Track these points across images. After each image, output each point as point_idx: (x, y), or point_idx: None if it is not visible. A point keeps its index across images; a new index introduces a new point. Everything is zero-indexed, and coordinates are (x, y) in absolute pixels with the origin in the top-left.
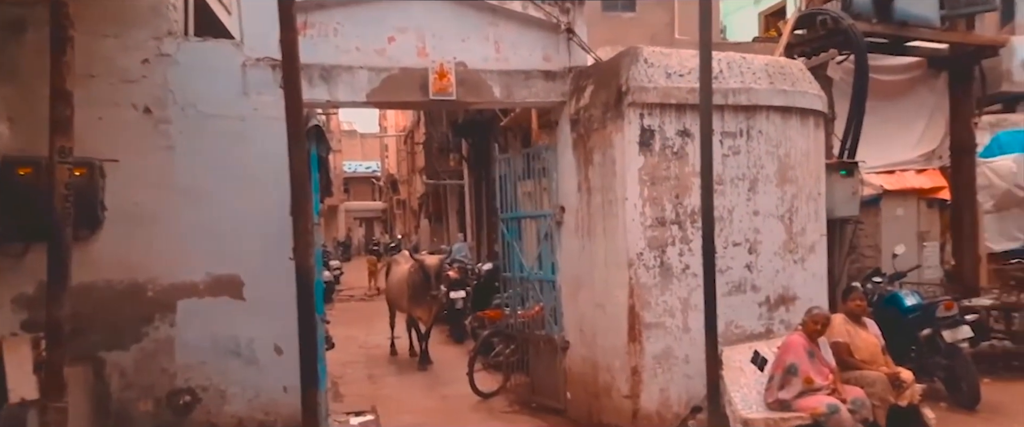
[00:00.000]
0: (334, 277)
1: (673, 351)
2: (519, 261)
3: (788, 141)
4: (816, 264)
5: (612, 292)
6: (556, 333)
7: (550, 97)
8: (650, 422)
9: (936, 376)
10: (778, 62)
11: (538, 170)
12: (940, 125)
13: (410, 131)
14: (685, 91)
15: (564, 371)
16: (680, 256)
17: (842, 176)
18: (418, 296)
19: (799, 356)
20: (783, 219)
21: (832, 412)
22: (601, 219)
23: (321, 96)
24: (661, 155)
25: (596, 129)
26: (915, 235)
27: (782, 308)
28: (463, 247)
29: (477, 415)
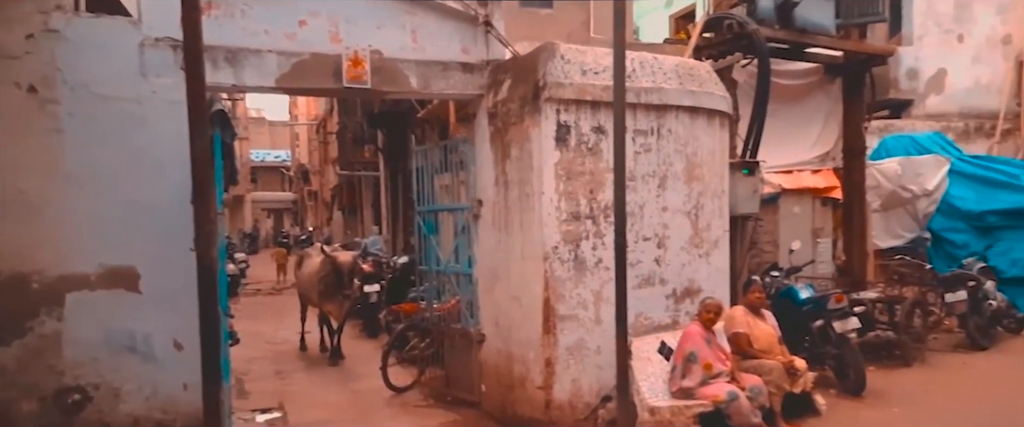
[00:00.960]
0: (239, 270)
1: (586, 342)
2: (436, 254)
3: (696, 140)
4: (720, 258)
5: (528, 285)
6: (472, 326)
7: (468, 89)
8: (562, 412)
9: (827, 364)
10: (687, 64)
11: (455, 163)
12: (834, 128)
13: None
14: (600, 89)
15: (479, 364)
16: (594, 250)
17: (744, 175)
18: (329, 292)
19: (697, 344)
20: (690, 215)
21: (732, 399)
22: (518, 213)
23: (226, 80)
24: (577, 151)
25: (514, 123)
26: (810, 232)
27: (688, 300)
28: (378, 240)
29: (390, 410)
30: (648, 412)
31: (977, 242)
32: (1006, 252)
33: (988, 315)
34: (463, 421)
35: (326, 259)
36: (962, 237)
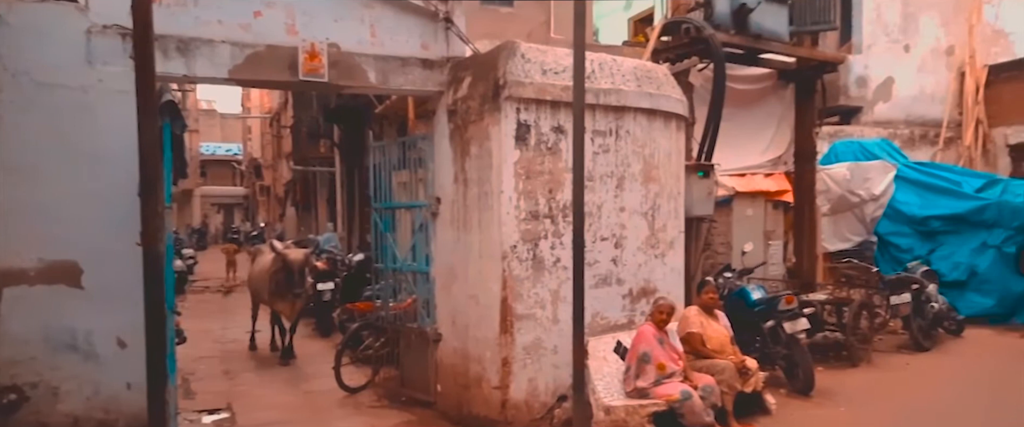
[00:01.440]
0: (187, 267)
1: (543, 342)
2: (392, 252)
3: (653, 142)
4: (675, 259)
5: (486, 284)
6: (428, 325)
7: (427, 86)
8: (518, 412)
9: (777, 364)
10: (645, 66)
11: (414, 160)
12: (786, 133)
13: (277, 113)
14: (560, 88)
15: (435, 363)
16: (552, 249)
17: (700, 177)
18: (280, 290)
19: (651, 344)
20: (647, 216)
21: (685, 398)
22: (477, 211)
23: (177, 70)
24: (536, 150)
25: (473, 121)
26: (762, 234)
27: (644, 300)
28: (333, 237)
29: (343, 410)
30: (603, 411)
31: (921, 246)
32: (948, 256)
33: (930, 317)
34: (418, 421)
35: (277, 256)
36: (907, 241)
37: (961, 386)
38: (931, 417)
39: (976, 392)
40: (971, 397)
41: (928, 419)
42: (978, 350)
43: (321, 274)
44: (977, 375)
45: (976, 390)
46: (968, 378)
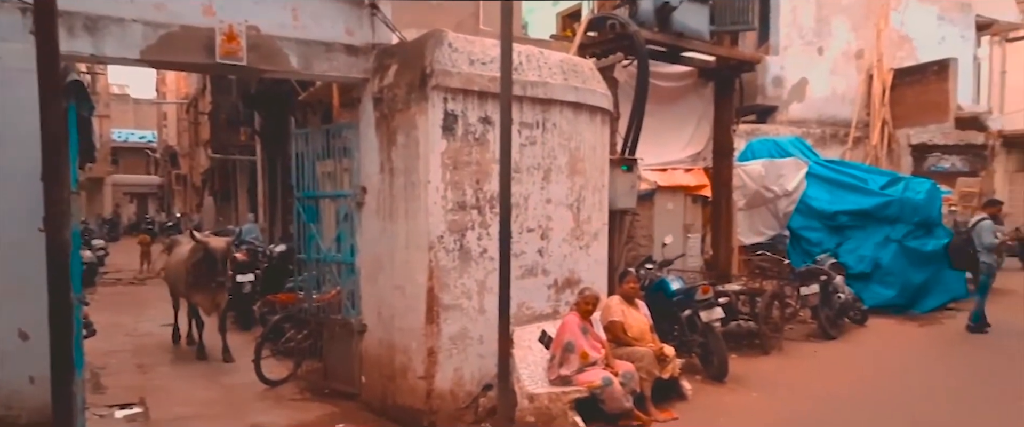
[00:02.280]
0: (98, 258)
1: (469, 332)
2: (316, 243)
3: (578, 135)
4: (599, 251)
5: (412, 274)
6: (353, 316)
7: (352, 73)
8: (443, 401)
9: (694, 352)
10: (572, 60)
11: (339, 149)
12: (706, 130)
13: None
14: (487, 79)
15: (360, 355)
16: (479, 240)
17: (623, 171)
18: (199, 282)
19: (574, 334)
20: (572, 208)
21: (606, 385)
22: (403, 201)
23: (84, 49)
24: (463, 140)
25: (400, 110)
26: (681, 227)
27: (568, 290)
28: (254, 228)
29: (262, 404)
30: (527, 399)
31: (829, 240)
32: (854, 249)
33: (837, 307)
34: (341, 413)
35: (197, 245)
36: (817, 235)
37: (864, 372)
38: (836, 402)
39: (878, 378)
40: (873, 382)
41: (833, 403)
42: (880, 338)
43: (241, 265)
44: (879, 362)
45: (878, 376)
46: (871, 365)
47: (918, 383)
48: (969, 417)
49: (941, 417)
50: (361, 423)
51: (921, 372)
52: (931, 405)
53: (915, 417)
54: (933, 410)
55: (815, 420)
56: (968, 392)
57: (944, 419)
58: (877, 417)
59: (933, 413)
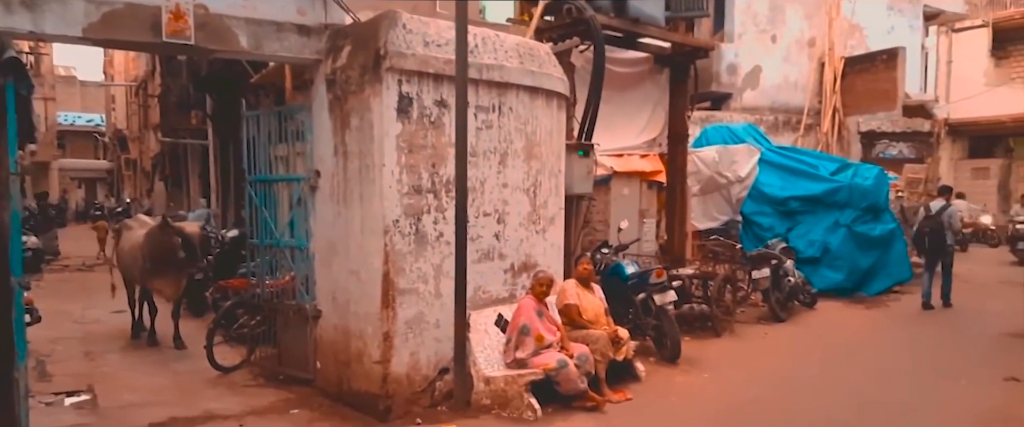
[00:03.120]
0: (43, 244)
1: (425, 316)
2: (269, 228)
3: (535, 119)
4: (555, 235)
5: (367, 259)
6: (308, 302)
7: (304, 54)
8: (399, 386)
9: (648, 334)
10: (528, 44)
11: (293, 133)
12: (661, 116)
13: (143, 82)
14: (442, 61)
15: (315, 340)
16: (435, 224)
17: (580, 156)
18: (163, 268)
19: (530, 317)
20: (528, 192)
21: (561, 367)
22: (358, 185)
23: (22, 25)
24: (419, 123)
25: (354, 92)
26: (637, 212)
27: (525, 274)
28: (206, 213)
29: (215, 390)
30: (483, 382)
31: (780, 225)
32: (804, 234)
33: (787, 290)
34: (296, 399)
35: (165, 230)
36: (768, 220)
37: (812, 353)
38: (784, 381)
39: (825, 358)
40: (821, 363)
41: (781, 383)
42: (828, 320)
43: None
44: (826, 343)
45: (825, 356)
46: (819, 346)
47: (864, 363)
48: (912, 395)
49: (885, 395)
50: (316, 409)
51: (867, 352)
52: (876, 384)
53: (861, 395)
54: (877, 388)
55: (763, 399)
56: (912, 371)
57: (888, 397)
58: (823, 395)
59: (878, 391)
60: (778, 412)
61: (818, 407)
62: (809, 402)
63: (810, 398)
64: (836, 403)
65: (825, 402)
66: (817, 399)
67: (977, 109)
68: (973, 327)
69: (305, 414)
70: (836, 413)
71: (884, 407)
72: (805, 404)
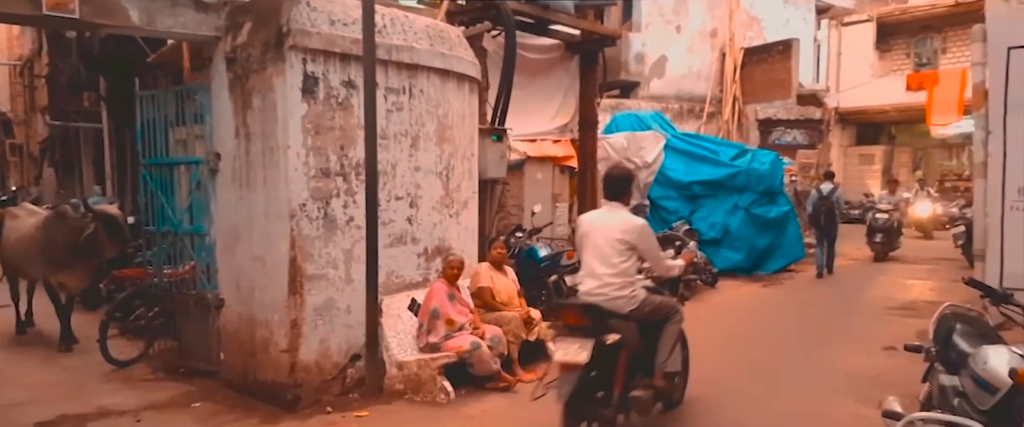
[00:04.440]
0: None
1: (335, 302)
2: (167, 214)
3: (446, 103)
4: (469, 219)
5: (273, 244)
6: (209, 291)
7: (202, 30)
8: (309, 374)
9: None
10: (438, 26)
11: (192, 115)
12: (572, 102)
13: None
14: (349, 41)
15: (218, 330)
16: (344, 208)
17: (493, 141)
18: (68, 259)
19: (441, 301)
20: (441, 176)
21: (474, 349)
22: (261, 168)
23: None
24: (326, 104)
25: (255, 70)
26: (550, 197)
27: (438, 259)
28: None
29: (109, 386)
30: (396, 367)
31: (685, 208)
32: (706, 217)
33: (690, 270)
34: (198, 392)
35: (66, 217)
36: (674, 204)
37: (713, 326)
38: None
39: (724, 331)
40: (720, 335)
41: None
42: (728, 297)
43: None
44: (726, 318)
45: (724, 329)
46: (719, 320)
47: (758, 335)
48: (801, 362)
49: (776, 363)
50: (220, 401)
51: (762, 326)
52: (769, 353)
53: (754, 364)
54: (770, 358)
55: None
56: (802, 342)
57: (779, 365)
58: (720, 364)
59: (770, 360)
60: None
61: (714, 375)
62: (706, 366)
63: (707, 363)
64: (732, 371)
65: (722, 370)
66: (713, 363)
67: (864, 98)
68: (858, 302)
69: (208, 407)
70: (731, 380)
71: (774, 374)
72: (702, 373)
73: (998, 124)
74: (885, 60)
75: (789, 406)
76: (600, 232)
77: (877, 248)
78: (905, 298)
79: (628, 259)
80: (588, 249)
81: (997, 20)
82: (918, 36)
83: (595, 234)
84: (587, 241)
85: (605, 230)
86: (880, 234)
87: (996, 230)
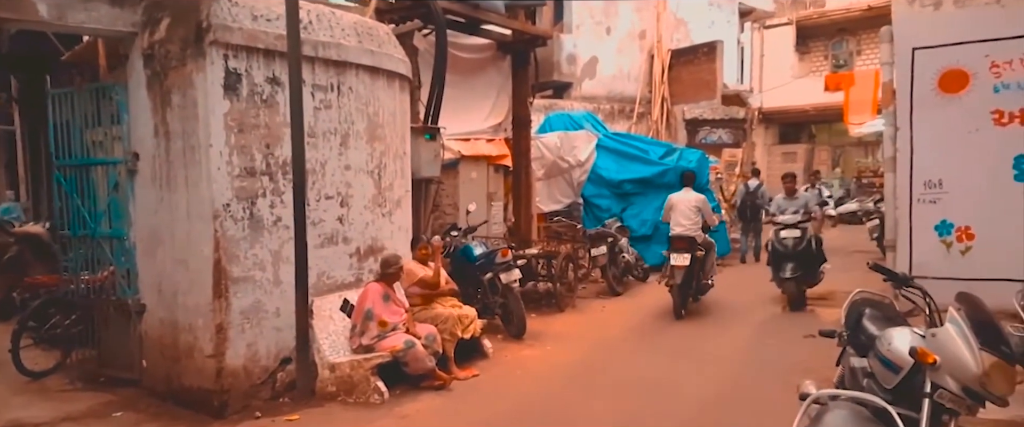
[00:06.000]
0: None
1: (263, 305)
2: (84, 217)
3: (377, 100)
4: (402, 218)
5: (196, 247)
6: (130, 296)
7: (117, 26)
8: (236, 379)
9: (495, 312)
10: (366, 23)
11: (109, 114)
12: (505, 102)
13: None
14: (273, 37)
15: (140, 337)
16: (271, 208)
17: (426, 140)
18: None
19: (375, 302)
20: (373, 175)
21: (408, 348)
22: (182, 167)
23: None
24: (250, 101)
25: (175, 67)
26: (485, 196)
27: (372, 258)
28: (14, 208)
29: (23, 398)
30: (328, 369)
31: (616, 206)
32: (637, 214)
33: (622, 266)
34: (119, 401)
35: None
36: (606, 202)
37: (641, 319)
38: (614, 344)
39: (650, 322)
40: (647, 326)
41: (612, 346)
42: (658, 292)
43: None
44: (655, 312)
45: (651, 321)
46: (647, 313)
47: (684, 327)
48: (723, 350)
49: (699, 353)
50: (143, 410)
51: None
52: (692, 344)
53: (677, 353)
54: (693, 347)
55: (594, 360)
56: (725, 331)
57: (702, 353)
58: (645, 356)
59: (692, 350)
60: (601, 374)
61: (638, 366)
62: (629, 355)
63: (630, 351)
64: (650, 353)
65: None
66: (640, 359)
67: (785, 99)
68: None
69: (130, 416)
70: (659, 364)
71: (696, 362)
72: (626, 357)
73: (905, 121)
74: (805, 62)
75: (714, 390)
76: (682, 202)
77: (789, 287)
78: (823, 289)
79: (697, 216)
80: (677, 211)
81: (902, 22)
82: (835, 39)
83: (680, 203)
84: (676, 207)
85: (685, 201)
86: (790, 264)
87: (905, 221)
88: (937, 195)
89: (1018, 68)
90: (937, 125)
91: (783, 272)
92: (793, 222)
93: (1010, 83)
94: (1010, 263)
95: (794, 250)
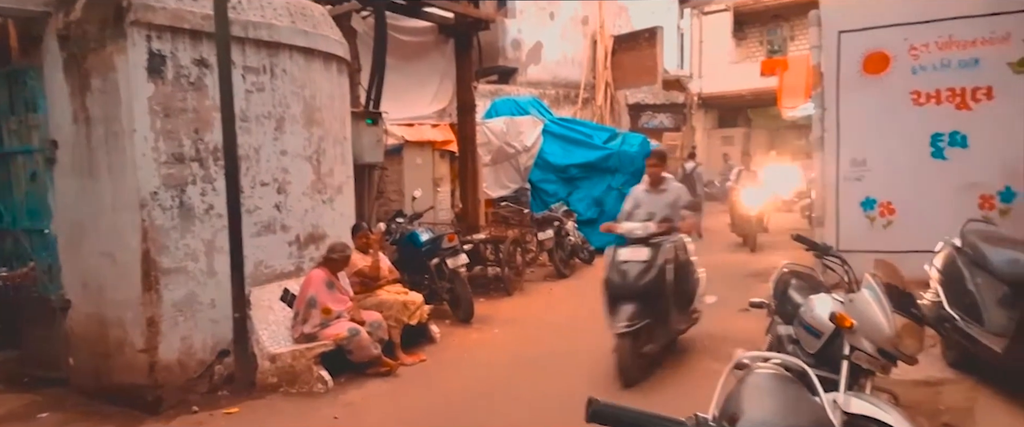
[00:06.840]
0: None
1: (197, 296)
2: (0, 210)
3: (313, 83)
4: (344, 204)
5: (122, 238)
6: (53, 292)
7: (27, 5)
8: (170, 374)
9: (444, 298)
10: (300, 3)
11: (24, 101)
12: (449, 87)
13: None
14: (200, 17)
15: (65, 334)
16: (202, 196)
17: (368, 125)
18: None
19: (318, 289)
20: (311, 160)
21: (353, 335)
22: (105, 155)
23: None
24: (176, 85)
25: (93, 49)
26: (431, 181)
27: (312, 246)
28: None
29: None
30: (269, 360)
31: (563, 190)
32: (583, 197)
33: (569, 249)
34: (45, 401)
35: None
36: (553, 186)
37: (586, 299)
38: (559, 328)
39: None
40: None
41: (557, 329)
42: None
43: None
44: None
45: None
46: (591, 293)
47: None
48: None
49: None
50: (70, 409)
51: None
52: None
53: None
54: None
55: (539, 339)
56: None
57: None
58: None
59: None
60: (548, 356)
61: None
62: (571, 331)
63: (574, 328)
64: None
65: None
66: (581, 338)
67: (723, 84)
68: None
69: (56, 417)
70: (597, 350)
71: None
72: (566, 333)
73: (832, 102)
74: (742, 48)
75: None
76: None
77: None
78: (759, 266)
79: None
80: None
81: (829, 6)
82: (770, 25)
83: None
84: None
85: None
86: (629, 308)
87: (833, 198)
88: (862, 172)
89: (933, 51)
90: (862, 106)
91: (617, 319)
92: (642, 235)
93: (926, 65)
94: (927, 236)
95: (637, 282)
